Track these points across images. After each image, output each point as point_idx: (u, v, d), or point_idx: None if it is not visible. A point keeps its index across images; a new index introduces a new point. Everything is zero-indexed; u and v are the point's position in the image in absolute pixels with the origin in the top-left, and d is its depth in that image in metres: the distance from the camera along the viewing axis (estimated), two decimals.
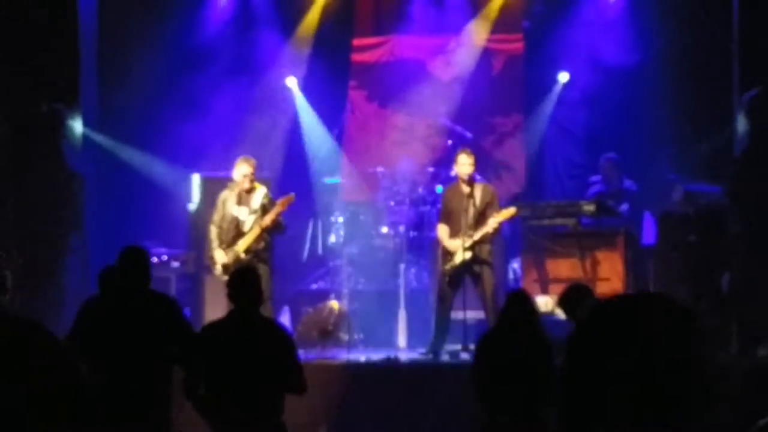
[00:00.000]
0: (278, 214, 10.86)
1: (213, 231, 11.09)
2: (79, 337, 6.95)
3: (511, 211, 11.20)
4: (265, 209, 10.92)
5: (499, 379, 7.30)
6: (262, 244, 10.92)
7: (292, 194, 10.99)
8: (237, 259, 10.81)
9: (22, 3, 12.07)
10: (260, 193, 11.05)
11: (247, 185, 11.00)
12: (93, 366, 6.82)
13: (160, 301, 7.15)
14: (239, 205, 11.00)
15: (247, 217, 10.97)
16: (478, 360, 7.58)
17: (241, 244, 10.86)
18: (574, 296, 7.87)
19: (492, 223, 10.98)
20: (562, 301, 7.95)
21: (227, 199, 11.08)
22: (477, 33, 14.76)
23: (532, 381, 7.23)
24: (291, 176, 13.92)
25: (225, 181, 11.60)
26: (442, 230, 11.26)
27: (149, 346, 6.87)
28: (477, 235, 10.97)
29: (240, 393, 6.54)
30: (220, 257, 10.95)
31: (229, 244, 10.94)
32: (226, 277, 10.81)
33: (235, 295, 6.76)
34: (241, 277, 6.92)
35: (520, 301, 7.62)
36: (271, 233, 11.00)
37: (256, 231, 10.82)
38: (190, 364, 6.83)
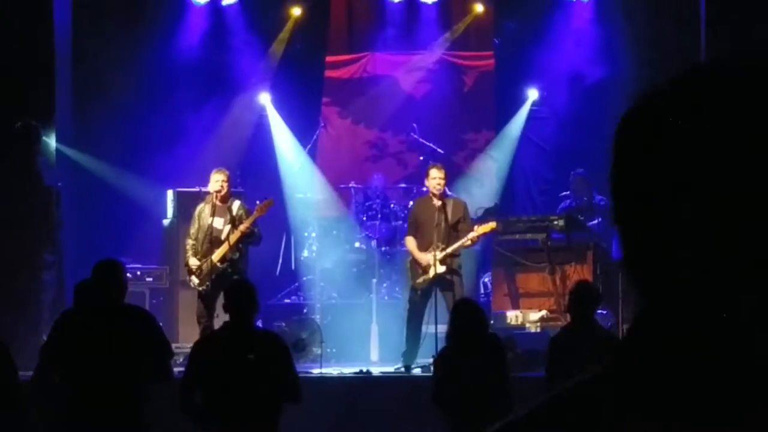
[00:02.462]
0: (256, 219, 10.97)
1: (189, 242, 11.18)
2: (53, 351, 6.97)
3: (492, 225, 11.26)
4: (241, 219, 11.01)
5: (463, 400, 7.37)
6: (237, 255, 10.99)
7: (271, 199, 11.08)
8: (213, 268, 10.88)
9: None
10: (236, 204, 11.16)
11: (223, 192, 11.05)
12: (67, 380, 6.85)
13: (136, 316, 7.19)
14: (215, 216, 11.06)
15: (223, 226, 11.04)
16: (438, 383, 7.64)
17: (218, 253, 10.92)
18: (584, 298, 7.85)
19: (471, 236, 11.04)
20: (574, 300, 7.85)
21: (202, 211, 11.16)
22: (449, 50, 14.92)
23: (491, 394, 7.33)
24: (264, 191, 13.96)
25: (199, 196, 11.68)
26: (411, 243, 11.28)
27: (124, 361, 6.88)
28: (451, 248, 11.02)
29: (238, 403, 6.61)
30: (194, 263, 11.01)
31: (204, 254, 11.00)
32: (201, 288, 10.93)
33: (232, 306, 6.88)
34: (239, 287, 7.10)
35: (465, 311, 7.72)
36: (246, 243, 11.08)
37: (235, 237, 10.89)
38: (186, 376, 6.89)
